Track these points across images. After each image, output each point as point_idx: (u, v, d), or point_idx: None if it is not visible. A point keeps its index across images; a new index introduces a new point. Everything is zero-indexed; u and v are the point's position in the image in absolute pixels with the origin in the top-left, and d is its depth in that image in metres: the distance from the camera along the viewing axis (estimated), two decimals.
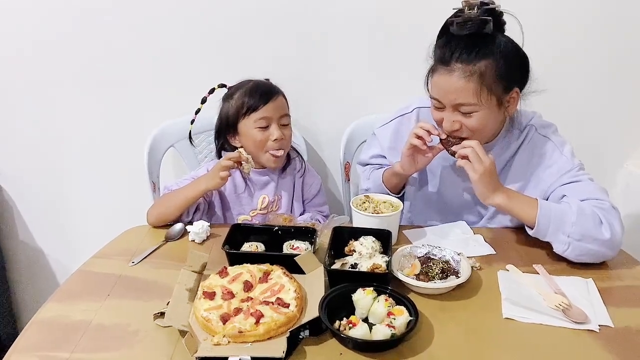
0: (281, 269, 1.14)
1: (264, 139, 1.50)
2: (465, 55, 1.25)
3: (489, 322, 1.05)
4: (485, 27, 1.25)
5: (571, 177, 1.34)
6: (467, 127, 1.31)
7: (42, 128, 1.96)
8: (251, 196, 1.59)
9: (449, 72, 1.27)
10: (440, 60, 1.29)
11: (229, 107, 1.53)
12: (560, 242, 1.24)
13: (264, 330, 0.96)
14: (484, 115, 1.29)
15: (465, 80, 1.25)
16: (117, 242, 1.37)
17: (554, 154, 1.38)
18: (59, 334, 1.00)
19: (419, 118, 1.52)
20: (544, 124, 1.44)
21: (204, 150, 1.89)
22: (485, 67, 1.25)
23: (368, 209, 1.32)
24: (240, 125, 1.52)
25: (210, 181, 1.42)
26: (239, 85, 1.56)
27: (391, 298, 1.03)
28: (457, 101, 1.28)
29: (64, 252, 2.19)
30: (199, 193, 1.43)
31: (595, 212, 1.24)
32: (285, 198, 1.63)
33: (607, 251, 1.24)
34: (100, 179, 2.04)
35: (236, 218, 1.59)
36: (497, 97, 1.29)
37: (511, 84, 1.30)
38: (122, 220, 1.47)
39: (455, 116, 1.31)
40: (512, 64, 1.29)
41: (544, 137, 1.41)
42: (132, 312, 1.07)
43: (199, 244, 1.35)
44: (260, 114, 1.49)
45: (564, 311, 1.06)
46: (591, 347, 0.98)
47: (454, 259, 1.19)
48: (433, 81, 1.32)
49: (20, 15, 1.80)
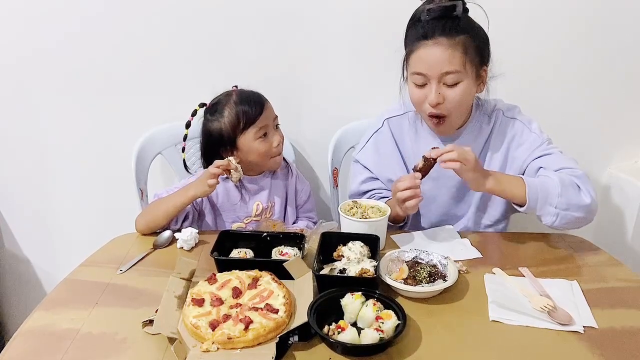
0: (270, 274, 1.14)
1: (267, 148, 1.51)
2: (447, 30, 1.32)
3: (475, 324, 1.06)
4: (455, 10, 1.33)
5: (542, 150, 1.44)
6: (450, 99, 1.36)
7: (28, 135, 1.95)
8: (245, 203, 1.59)
9: (434, 44, 1.32)
10: (422, 36, 1.34)
11: (221, 125, 1.49)
12: (549, 214, 1.32)
13: (253, 336, 0.96)
14: (466, 87, 1.36)
15: (451, 49, 1.32)
16: (105, 250, 1.36)
17: (524, 132, 1.48)
18: (46, 343, 0.99)
19: (391, 128, 1.57)
20: (509, 106, 1.53)
21: (191, 157, 1.89)
22: (465, 40, 1.33)
23: (356, 214, 1.33)
24: (239, 141, 1.49)
25: (199, 188, 1.41)
26: (220, 100, 1.53)
27: (379, 302, 1.04)
28: (444, 70, 1.33)
29: (51, 260, 2.17)
30: (188, 200, 1.42)
31: (572, 180, 1.34)
32: (278, 204, 1.63)
33: (587, 215, 1.35)
34: (87, 186, 2.03)
35: (230, 225, 1.59)
36: (475, 69, 1.36)
37: (483, 60, 1.39)
38: (109, 228, 1.46)
39: (440, 88, 1.36)
40: (484, 42, 1.38)
41: (511, 119, 1.50)
42: (120, 320, 1.06)
43: (188, 251, 1.35)
44: (258, 125, 1.48)
45: (549, 313, 1.07)
46: (576, 348, 0.99)
47: (441, 263, 1.20)
48: (416, 57, 1.36)
49: (3, 22, 1.79)
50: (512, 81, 1.44)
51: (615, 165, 2.06)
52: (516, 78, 1.43)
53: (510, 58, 1.39)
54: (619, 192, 2.02)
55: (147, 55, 1.84)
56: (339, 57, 1.87)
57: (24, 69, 1.85)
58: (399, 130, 1.57)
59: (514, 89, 1.43)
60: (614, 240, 1.99)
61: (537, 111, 1.82)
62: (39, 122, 1.93)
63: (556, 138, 1.97)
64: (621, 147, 2.05)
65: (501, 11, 1.35)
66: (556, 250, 1.36)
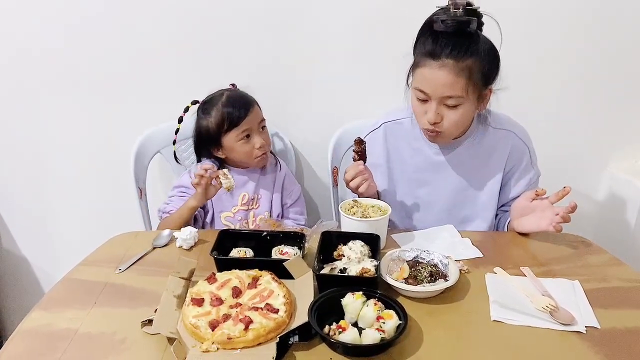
0: (270, 274, 1.13)
1: (249, 149, 1.61)
2: (456, 52, 1.30)
3: (477, 324, 1.06)
4: (469, 26, 1.31)
5: (531, 186, 1.52)
6: (449, 119, 1.37)
7: (27, 134, 1.94)
8: (232, 194, 1.65)
9: (440, 66, 1.31)
10: (430, 54, 1.33)
11: (208, 123, 1.60)
12: None
13: (253, 336, 0.96)
14: (465, 110, 1.37)
15: (455, 75, 1.31)
16: (104, 249, 1.35)
17: (527, 165, 1.52)
18: (44, 343, 0.99)
19: (386, 132, 1.58)
20: (513, 122, 1.54)
21: (190, 156, 1.88)
22: (472, 64, 1.32)
23: (356, 213, 1.32)
24: (223, 140, 1.60)
25: (197, 197, 1.52)
26: (212, 99, 1.62)
27: (380, 302, 1.03)
28: (445, 94, 1.33)
29: (49, 260, 2.16)
30: (192, 211, 1.53)
31: None
32: (265, 197, 1.70)
33: None
34: (85, 185, 2.02)
35: (219, 215, 1.65)
36: (478, 93, 1.36)
37: (489, 81, 1.38)
38: (108, 228, 1.46)
39: (440, 109, 1.37)
40: (492, 63, 1.37)
41: (519, 139, 1.51)
42: (119, 320, 1.05)
43: (187, 250, 1.34)
44: (241, 127, 1.58)
45: (551, 313, 1.07)
46: (578, 349, 0.99)
47: (442, 263, 1.20)
48: (420, 74, 1.36)
49: (2, 21, 1.78)
50: (512, 81, 1.44)
51: (615, 165, 2.06)
52: (516, 79, 1.42)
53: (510, 58, 1.39)
54: (618, 192, 2.02)
55: (146, 54, 1.84)
56: (339, 57, 1.87)
57: (23, 68, 1.85)
58: (393, 136, 1.58)
59: (513, 89, 1.42)
60: (614, 240, 1.99)
61: (536, 111, 1.83)
62: (37, 121, 1.92)
63: (556, 138, 1.98)
64: (621, 147, 2.05)
65: (502, 11, 1.34)
66: (558, 250, 1.35)
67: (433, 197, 1.56)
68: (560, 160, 2.00)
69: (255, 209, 1.69)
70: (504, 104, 1.47)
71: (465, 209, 1.55)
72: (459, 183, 1.53)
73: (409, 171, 1.56)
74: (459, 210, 1.55)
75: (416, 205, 1.58)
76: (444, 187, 1.54)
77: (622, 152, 2.05)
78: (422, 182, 1.56)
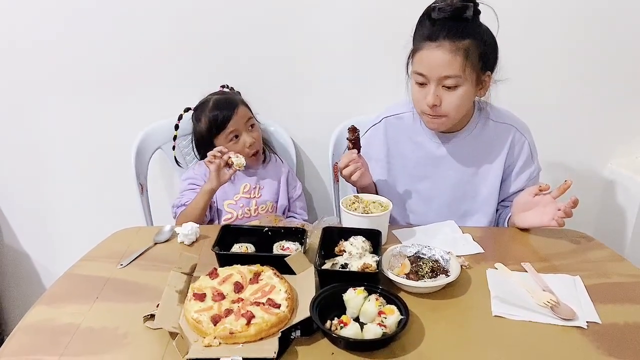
0: (272, 269, 1.13)
1: (240, 148, 1.67)
2: (452, 33, 1.33)
3: (478, 319, 1.06)
4: (466, 12, 1.33)
5: (531, 182, 1.53)
6: (448, 102, 1.38)
7: (27, 131, 1.94)
8: (233, 184, 1.70)
9: (437, 47, 1.33)
10: (427, 37, 1.35)
11: (200, 128, 1.69)
12: None
13: (255, 331, 0.96)
14: (464, 91, 1.37)
15: (452, 54, 1.32)
16: (105, 244, 1.36)
17: (527, 159, 1.52)
18: (46, 338, 0.99)
19: (387, 127, 1.59)
20: (515, 119, 1.54)
21: (191, 152, 1.88)
22: (469, 45, 1.34)
23: (358, 209, 1.33)
24: (216, 142, 1.68)
25: (211, 180, 1.56)
26: (201, 105, 1.69)
27: (382, 297, 1.03)
28: (443, 74, 1.34)
29: (51, 255, 2.17)
30: (209, 195, 1.57)
31: None
32: (266, 187, 1.74)
33: None
34: (87, 181, 2.02)
35: (222, 204, 1.68)
36: (476, 74, 1.37)
37: (487, 65, 1.39)
38: (109, 223, 1.46)
39: (439, 90, 1.37)
40: (490, 47, 1.39)
41: (520, 135, 1.51)
42: (121, 315, 1.06)
43: (188, 246, 1.34)
44: (228, 129, 1.65)
45: (552, 308, 1.07)
46: (579, 344, 0.99)
47: (443, 258, 1.20)
48: (419, 57, 1.38)
49: (1, 21, 1.78)
50: (513, 78, 1.44)
51: (616, 161, 2.06)
52: (517, 74, 1.42)
53: (511, 55, 1.39)
54: (619, 188, 2.02)
55: (147, 50, 1.84)
56: (339, 54, 1.87)
57: (22, 66, 1.85)
58: (394, 130, 1.58)
59: (515, 86, 1.42)
60: (615, 236, 1.99)
61: (537, 107, 1.82)
62: (38, 118, 1.93)
63: (557, 134, 1.97)
64: (622, 143, 2.05)
65: (502, 11, 1.34)
66: (559, 246, 1.35)
67: (434, 192, 1.56)
68: (561, 155, 2.00)
69: (258, 198, 1.73)
70: (505, 97, 1.47)
71: (466, 203, 1.56)
72: (459, 177, 1.54)
73: (409, 165, 1.57)
74: (460, 205, 1.56)
75: (417, 199, 1.58)
76: (445, 181, 1.54)
77: (623, 148, 2.05)
78: (423, 176, 1.56)
